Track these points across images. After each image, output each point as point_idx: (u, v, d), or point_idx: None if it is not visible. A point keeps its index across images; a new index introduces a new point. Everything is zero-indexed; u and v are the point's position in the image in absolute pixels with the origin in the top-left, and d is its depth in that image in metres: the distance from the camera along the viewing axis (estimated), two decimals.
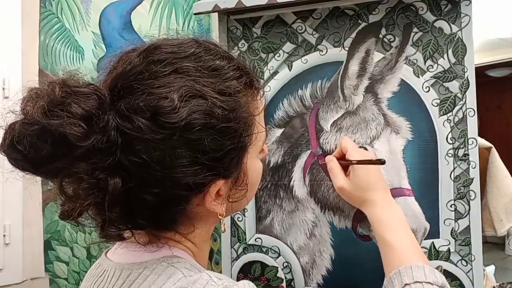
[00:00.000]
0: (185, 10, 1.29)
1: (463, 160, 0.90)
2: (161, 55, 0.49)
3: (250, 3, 0.97)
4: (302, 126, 1.00)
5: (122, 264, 0.53)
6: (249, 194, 0.57)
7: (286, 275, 1.01)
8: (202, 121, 0.45)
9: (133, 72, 0.47)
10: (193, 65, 0.48)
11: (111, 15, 1.34)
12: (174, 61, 0.48)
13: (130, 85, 0.46)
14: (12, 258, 1.31)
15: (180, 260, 0.51)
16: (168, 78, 0.46)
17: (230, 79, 0.49)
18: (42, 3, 1.39)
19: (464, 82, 0.91)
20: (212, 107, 0.46)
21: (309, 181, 0.99)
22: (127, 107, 0.45)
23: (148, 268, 0.50)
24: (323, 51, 1.00)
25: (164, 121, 0.44)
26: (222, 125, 0.47)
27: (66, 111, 0.43)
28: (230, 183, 0.53)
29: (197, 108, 0.45)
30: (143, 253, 0.52)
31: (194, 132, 0.45)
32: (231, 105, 0.48)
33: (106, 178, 0.44)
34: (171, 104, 0.44)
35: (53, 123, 0.42)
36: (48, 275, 1.37)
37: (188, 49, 0.50)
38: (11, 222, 1.30)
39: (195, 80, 0.47)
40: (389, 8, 0.95)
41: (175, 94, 0.45)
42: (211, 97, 0.46)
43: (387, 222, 0.73)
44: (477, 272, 0.89)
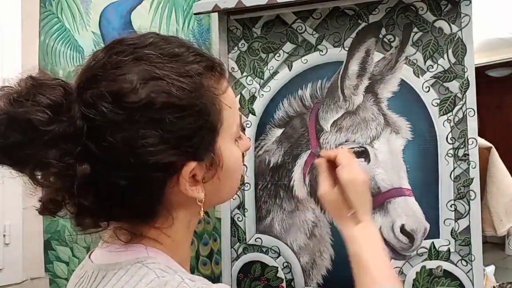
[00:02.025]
0: (185, 10, 1.29)
1: (463, 160, 0.90)
2: (122, 47, 0.51)
3: (250, 3, 0.97)
4: (302, 126, 1.00)
5: (99, 265, 0.54)
6: (228, 182, 0.57)
7: (286, 275, 1.01)
8: (162, 99, 0.47)
9: (97, 65, 0.50)
10: (153, 52, 0.50)
11: (111, 15, 1.34)
12: (134, 50, 0.50)
13: (94, 76, 0.49)
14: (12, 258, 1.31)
15: (155, 260, 0.51)
16: (128, 66, 0.48)
17: (189, 63, 0.51)
18: (42, 3, 1.39)
19: (464, 82, 0.91)
20: (172, 87, 0.48)
21: (309, 181, 0.99)
22: (91, 95, 0.47)
23: (122, 269, 0.50)
24: (323, 51, 1.00)
25: (125, 101, 0.46)
26: (184, 104, 0.48)
27: (32, 101, 0.45)
28: (205, 167, 0.52)
29: (156, 88, 0.47)
30: (119, 254, 0.53)
31: (156, 111, 0.47)
32: (192, 86, 0.49)
33: (75, 163, 0.46)
34: (130, 86, 0.47)
35: (18, 111, 0.45)
36: (48, 275, 1.37)
37: (147, 40, 0.52)
38: (11, 222, 1.30)
39: (155, 65, 0.49)
40: (389, 8, 0.95)
41: (135, 77, 0.47)
42: (170, 79, 0.48)
43: (361, 241, 0.73)
44: (477, 272, 0.89)
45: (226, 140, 0.55)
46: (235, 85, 1.05)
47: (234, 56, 1.05)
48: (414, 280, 0.92)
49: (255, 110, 1.04)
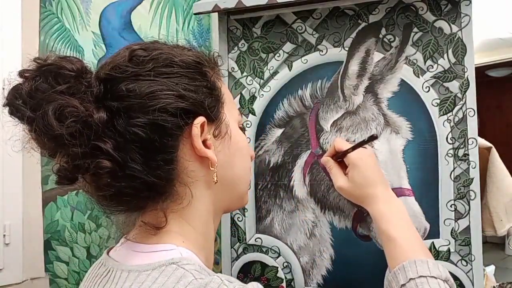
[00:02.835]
0: (185, 10, 1.30)
1: (463, 160, 0.90)
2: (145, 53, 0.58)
3: (250, 3, 0.97)
4: (302, 126, 1.00)
5: (129, 266, 0.52)
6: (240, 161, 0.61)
7: (286, 275, 1.01)
8: (167, 56, 0.54)
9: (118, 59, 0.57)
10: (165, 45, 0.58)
11: (111, 15, 1.34)
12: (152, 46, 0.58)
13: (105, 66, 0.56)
14: (12, 258, 1.31)
15: (190, 261, 0.51)
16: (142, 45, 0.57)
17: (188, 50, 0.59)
18: (42, 3, 1.39)
19: (464, 82, 0.91)
20: (176, 54, 0.56)
21: (309, 181, 0.99)
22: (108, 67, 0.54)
23: (156, 270, 0.49)
24: (323, 51, 1.00)
25: (136, 55, 0.54)
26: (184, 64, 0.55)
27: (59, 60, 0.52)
28: (213, 131, 0.57)
29: (164, 53, 0.55)
30: (151, 255, 0.52)
31: (163, 64, 0.54)
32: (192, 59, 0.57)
33: (93, 110, 0.49)
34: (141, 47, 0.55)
35: (50, 63, 0.51)
36: (48, 275, 1.37)
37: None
38: (11, 222, 1.30)
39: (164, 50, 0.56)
40: (389, 8, 0.95)
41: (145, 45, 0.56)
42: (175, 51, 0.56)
43: (389, 217, 0.73)
44: (477, 272, 0.89)
45: (231, 117, 0.60)
46: (235, 85, 1.05)
47: (234, 56, 1.05)
48: None
49: (255, 110, 1.04)
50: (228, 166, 0.59)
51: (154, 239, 0.54)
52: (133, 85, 0.51)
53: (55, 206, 1.36)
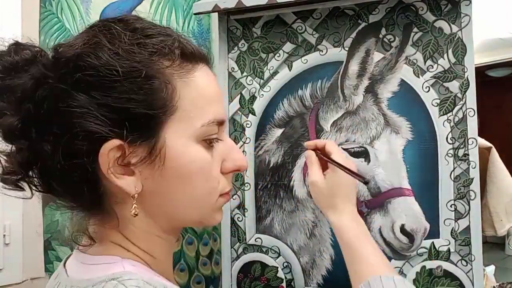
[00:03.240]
0: (185, 10, 1.29)
1: (463, 160, 0.90)
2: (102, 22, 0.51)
3: (250, 3, 0.97)
4: (302, 126, 1.00)
5: (72, 280, 0.50)
6: (184, 188, 0.50)
7: (286, 275, 1.01)
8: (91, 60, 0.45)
9: None
10: (118, 27, 0.48)
11: (111, 15, 1.33)
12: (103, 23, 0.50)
13: None
14: (12, 258, 1.31)
15: (132, 276, 0.46)
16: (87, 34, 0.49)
17: (147, 37, 0.48)
18: (42, 3, 1.39)
19: (464, 82, 0.91)
20: (109, 52, 0.45)
21: None
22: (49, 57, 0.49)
23: (96, 286, 0.46)
24: (323, 51, 1.00)
25: (60, 55, 0.47)
26: (117, 68, 0.44)
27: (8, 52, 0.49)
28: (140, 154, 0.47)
29: (91, 50, 0.46)
30: (94, 267, 0.49)
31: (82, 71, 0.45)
32: (135, 57, 0.46)
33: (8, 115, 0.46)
34: (68, 43, 0.48)
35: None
36: (48, 275, 1.37)
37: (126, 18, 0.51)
38: (11, 222, 1.30)
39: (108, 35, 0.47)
40: (389, 8, 0.95)
41: (80, 40, 0.47)
42: (114, 46, 0.46)
43: (354, 230, 0.71)
44: (477, 272, 0.89)
45: (180, 134, 0.48)
46: (235, 85, 1.05)
47: (234, 56, 1.05)
48: (414, 280, 0.92)
49: (255, 110, 1.04)
50: (160, 195, 0.49)
51: (99, 249, 0.51)
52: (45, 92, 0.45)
53: (55, 206, 1.36)
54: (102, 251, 0.51)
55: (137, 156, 0.47)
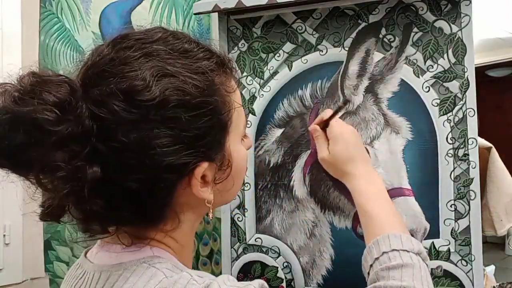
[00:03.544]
0: (185, 10, 1.29)
1: (463, 160, 0.90)
2: (129, 42, 0.49)
3: (250, 3, 0.97)
4: (302, 126, 1.00)
5: (101, 266, 0.52)
6: (236, 182, 0.57)
7: (286, 275, 1.01)
8: (176, 97, 0.45)
9: (103, 61, 0.48)
10: (163, 48, 0.48)
11: (111, 15, 1.34)
12: (143, 46, 0.48)
13: (101, 73, 0.46)
14: (12, 258, 1.31)
15: (161, 260, 0.49)
16: (139, 62, 0.46)
17: (201, 59, 0.50)
18: (42, 3, 1.39)
19: (464, 82, 0.91)
20: (185, 84, 0.46)
21: (309, 181, 0.99)
22: (100, 93, 0.45)
23: (128, 270, 0.48)
24: (323, 51, 1.00)
25: (138, 99, 0.44)
26: (198, 101, 0.47)
27: (38, 98, 0.42)
28: (215, 167, 0.51)
29: (170, 85, 0.45)
30: (123, 254, 0.51)
31: (170, 109, 0.45)
32: (205, 83, 0.48)
33: (84, 166, 0.43)
34: (143, 83, 0.44)
35: (24, 110, 0.41)
36: (48, 275, 1.37)
37: (155, 35, 0.50)
38: (11, 222, 1.30)
39: (166, 61, 0.47)
40: (389, 8, 0.95)
41: (147, 73, 0.45)
42: (183, 75, 0.46)
43: (366, 193, 0.74)
44: (477, 272, 0.89)
45: (234, 140, 0.54)
46: None
47: (234, 56, 1.05)
48: None
49: (255, 110, 1.04)
50: (223, 192, 0.55)
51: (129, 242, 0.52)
52: (130, 136, 0.44)
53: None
54: (132, 241, 0.52)
55: (214, 170, 0.52)
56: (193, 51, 0.50)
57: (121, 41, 0.50)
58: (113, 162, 0.45)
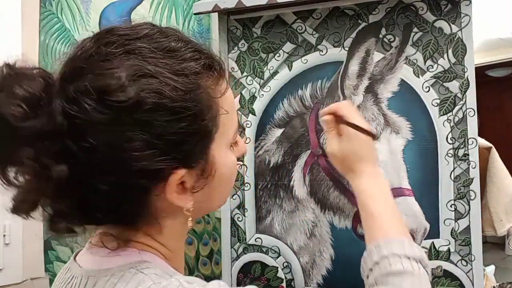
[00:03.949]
0: (185, 10, 1.29)
1: (463, 160, 0.90)
2: (113, 37, 0.46)
3: (250, 3, 0.97)
4: (302, 126, 1.00)
5: (89, 271, 0.50)
6: (221, 191, 0.54)
7: (286, 275, 1.01)
8: (152, 100, 0.42)
9: (83, 55, 0.46)
10: (147, 46, 0.45)
11: (111, 15, 1.34)
12: (126, 42, 0.46)
13: (80, 68, 0.44)
14: (12, 258, 1.31)
15: (150, 265, 0.47)
16: (118, 59, 0.44)
17: (187, 60, 0.47)
18: (42, 3, 1.39)
19: (464, 82, 0.91)
20: (165, 86, 0.43)
21: (309, 181, 0.99)
22: (74, 90, 0.43)
23: (115, 275, 0.47)
24: (323, 51, 1.00)
25: (110, 100, 0.41)
26: (177, 106, 0.44)
27: (6, 92, 0.41)
28: (195, 175, 0.48)
29: (147, 86, 0.43)
30: (110, 259, 0.49)
31: (144, 112, 0.42)
32: (188, 86, 0.45)
33: (52, 164, 0.41)
34: (117, 82, 0.42)
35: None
36: (48, 275, 1.37)
37: (141, 31, 0.47)
38: (11, 222, 1.30)
39: (148, 60, 0.44)
40: (389, 8, 0.95)
41: (124, 73, 0.42)
42: (164, 77, 0.44)
43: (370, 192, 0.71)
44: (477, 272, 0.89)
45: (221, 147, 0.51)
46: (235, 85, 1.05)
47: (234, 56, 1.05)
48: None
49: (255, 110, 1.04)
50: (205, 201, 0.52)
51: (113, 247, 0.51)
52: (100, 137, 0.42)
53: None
54: (120, 245, 0.50)
55: (194, 177, 0.48)
56: (180, 51, 0.47)
57: (105, 35, 0.47)
58: (83, 162, 0.42)
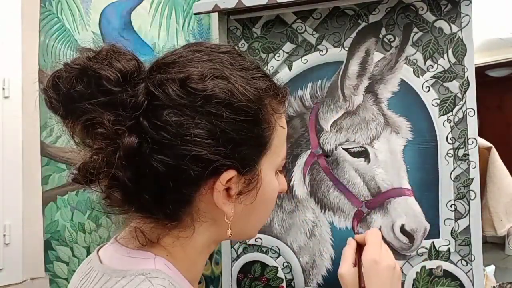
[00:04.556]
0: (185, 10, 1.29)
1: (463, 160, 0.90)
2: (201, 47, 0.53)
3: (250, 3, 0.97)
4: (302, 126, 1.00)
5: (105, 268, 0.53)
6: (259, 214, 0.57)
7: (286, 275, 1.01)
8: (223, 96, 0.48)
9: (173, 56, 0.52)
10: (226, 58, 0.52)
11: (111, 15, 1.34)
12: (211, 52, 0.52)
13: (169, 63, 0.51)
14: (12, 258, 1.31)
15: (160, 275, 0.49)
16: (203, 62, 0.51)
17: (257, 79, 0.52)
18: (42, 3, 1.39)
19: (464, 82, 0.91)
20: (235, 89, 0.49)
21: (309, 181, 0.99)
22: (161, 77, 0.49)
23: (126, 278, 0.49)
24: (323, 51, 1.00)
25: (191, 87, 0.48)
26: (243, 106, 0.49)
27: (108, 62, 0.48)
28: (242, 183, 0.51)
29: (221, 84, 0.49)
30: (127, 260, 0.52)
31: (215, 104, 0.48)
32: (254, 96, 0.50)
33: (124, 132, 0.46)
34: (199, 75, 0.48)
35: (92, 65, 0.47)
36: (48, 275, 1.37)
37: (225, 48, 0.54)
38: (11, 222, 1.30)
39: (225, 67, 0.50)
40: (389, 8, 0.95)
41: (205, 69, 0.49)
42: (236, 83, 0.50)
43: None
44: (477, 272, 0.89)
45: (269, 165, 0.54)
46: None
47: None
48: (414, 280, 0.92)
49: None
50: (244, 217, 0.54)
51: (138, 245, 0.53)
52: (173, 118, 0.47)
53: (55, 206, 1.36)
54: (140, 247, 0.53)
55: (241, 185, 0.51)
56: (253, 71, 0.53)
57: (194, 45, 0.54)
58: (149, 139, 0.47)
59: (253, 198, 0.53)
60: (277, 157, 0.56)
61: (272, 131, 0.53)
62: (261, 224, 0.61)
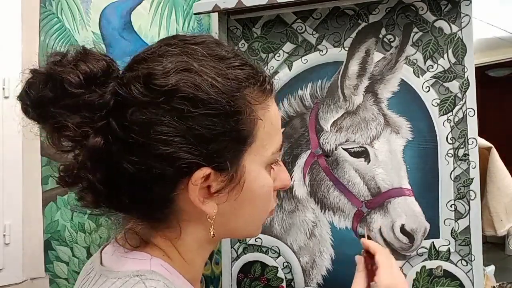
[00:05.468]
0: (185, 10, 1.29)
1: (463, 160, 0.90)
2: (174, 41, 0.52)
3: (250, 3, 0.97)
4: (302, 126, 1.00)
5: (103, 269, 0.52)
6: (248, 209, 0.53)
7: (286, 275, 1.01)
8: (188, 90, 0.46)
9: (146, 52, 0.51)
10: (200, 50, 0.49)
11: (111, 15, 1.34)
12: (184, 45, 0.50)
13: (139, 60, 0.50)
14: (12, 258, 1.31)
15: (155, 277, 0.48)
16: (173, 57, 0.49)
17: (233, 68, 0.49)
18: (42, 3, 1.39)
19: (464, 82, 0.91)
20: (204, 82, 0.47)
21: (309, 181, 0.99)
22: (129, 76, 0.48)
23: (121, 279, 0.49)
24: (323, 51, 1.00)
25: (152, 83, 0.46)
26: (212, 102, 0.46)
27: (73, 65, 0.47)
28: (223, 181, 0.49)
29: (187, 78, 0.47)
30: (123, 261, 0.51)
31: (179, 100, 0.46)
32: (226, 88, 0.48)
33: (90, 134, 0.46)
34: (162, 70, 0.47)
35: (57, 69, 0.47)
36: (48, 275, 1.37)
37: (200, 39, 0.52)
38: (11, 222, 1.30)
39: (196, 60, 0.48)
40: (389, 8, 0.95)
41: (170, 65, 0.47)
42: (206, 75, 0.47)
43: None
44: (477, 272, 0.89)
45: (255, 161, 0.51)
46: None
47: None
48: (414, 280, 0.92)
49: None
50: (232, 216, 0.52)
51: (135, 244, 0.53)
52: (138, 117, 0.46)
53: (55, 206, 1.36)
54: (139, 248, 0.52)
55: (220, 182, 0.49)
56: (230, 59, 0.50)
57: (168, 39, 0.53)
58: (118, 140, 0.47)
59: (237, 195, 0.50)
60: (265, 151, 0.52)
61: (253, 123, 0.49)
62: (257, 222, 0.57)
